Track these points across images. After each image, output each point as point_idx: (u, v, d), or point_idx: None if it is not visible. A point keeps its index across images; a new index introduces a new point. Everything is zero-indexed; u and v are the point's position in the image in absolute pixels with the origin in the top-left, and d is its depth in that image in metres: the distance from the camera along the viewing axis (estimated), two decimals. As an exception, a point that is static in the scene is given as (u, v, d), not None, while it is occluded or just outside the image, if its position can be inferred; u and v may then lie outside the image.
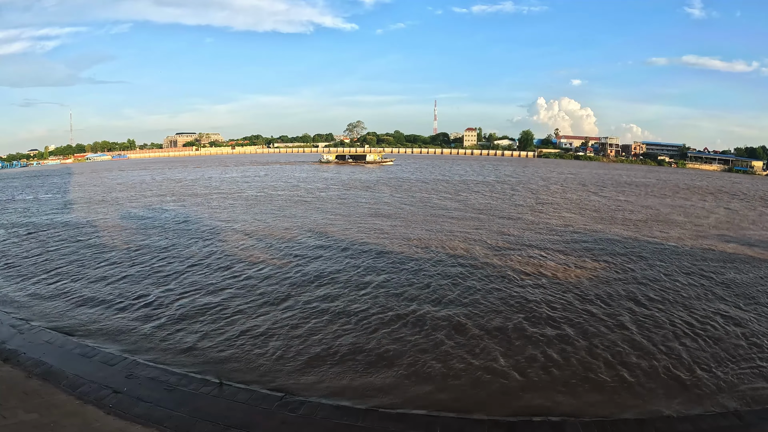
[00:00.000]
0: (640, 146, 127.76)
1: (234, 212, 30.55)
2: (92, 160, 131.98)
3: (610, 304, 13.68)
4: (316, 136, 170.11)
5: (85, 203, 37.10)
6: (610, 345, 11.08)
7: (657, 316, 12.92)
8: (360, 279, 15.81)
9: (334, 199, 36.76)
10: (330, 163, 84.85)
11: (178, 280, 15.97)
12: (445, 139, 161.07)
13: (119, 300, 14.12)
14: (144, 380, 9.36)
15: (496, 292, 14.58)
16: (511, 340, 11.30)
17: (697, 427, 8.03)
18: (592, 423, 8.06)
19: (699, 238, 23.80)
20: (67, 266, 17.96)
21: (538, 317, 12.64)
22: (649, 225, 27.31)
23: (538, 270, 17.08)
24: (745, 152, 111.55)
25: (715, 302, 14.15)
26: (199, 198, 38.50)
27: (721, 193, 50.06)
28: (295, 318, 12.58)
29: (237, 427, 7.76)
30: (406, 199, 37.22)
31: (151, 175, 65.69)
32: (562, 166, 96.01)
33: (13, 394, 8.48)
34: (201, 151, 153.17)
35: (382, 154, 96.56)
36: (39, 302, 14.11)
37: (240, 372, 9.83)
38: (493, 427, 7.99)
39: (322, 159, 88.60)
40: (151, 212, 31.09)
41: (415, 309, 13.11)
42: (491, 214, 29.77)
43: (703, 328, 12.12)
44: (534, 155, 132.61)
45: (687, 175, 78.85)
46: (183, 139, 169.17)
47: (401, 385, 9.38)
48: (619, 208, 34.20)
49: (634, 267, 17.77)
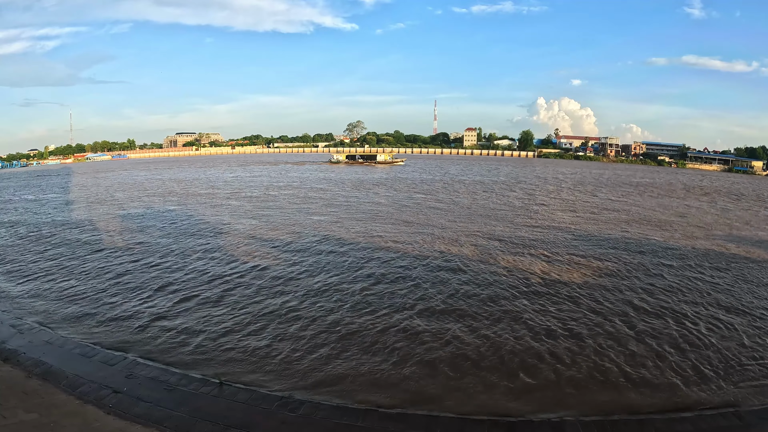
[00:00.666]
0: (640, 146, 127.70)
1: (241, 213, 30.54)
2: (92, 160, 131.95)
3: (610, 304, 13.68)
4: (316, 136, 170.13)
5: (85, 203, 37.09)
6: (610, 345, 11.09)
7: (656, 315, 12.92)
8: (361, 278, 15.82)
9: (357, 202, 36.45)
10: (340, 163, 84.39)
11: (179, 280, 15.97)
12: (445, 139, 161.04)
13: (119, 300, 14.12)
14: (144, 380, 9.36)
15: (501, 291, 14.60)
16: (514, 339, 11.31)
17: (697, 427, 8.04)
18: (592, 423, 8.07)
19: (691, 238, 23.80)
20: (67, 266, 17.95)
21: (539, 317, 12.65)
22: (652, 225, 27.33)
23: (545, 270, 17.10)
24: (745, 152, 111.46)
25: (714, 302, 14.14)
26: (203, 198, 38.48)
27: (717, 193, 50.04)
28: (296, 318, 12.58)
29: (237, 427, 7.76)
30: (444, 199, 37.22)
31: (153, 175, 65.66)
32: (563, 166, 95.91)
33: (13, 394, 8.48)
34: (201, 151, 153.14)
35: (392, 154, 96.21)
36: (39, 302, 14.11)
37: (240, 372, 9.84)
38: (493, 427, 7.99)
39: (332, 159, 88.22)
40: (152, 212, 31.09)
41: (415, 308, 13.12)
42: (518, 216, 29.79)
43: (702, 328, 12.12)
44: (534, 155, 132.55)
45: (687, 176, 78.83)
46: (183, 139, 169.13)
47: (401, 385, 9.39)
48: (624, 209, 34.20)
49: (633, 267, 17.77)
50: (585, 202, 37.51)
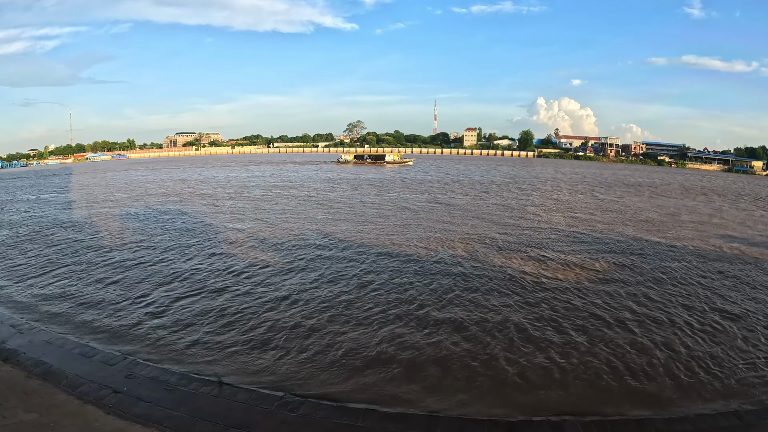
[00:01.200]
0: (640, 146, 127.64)
1: (251, 214, 30.54)
2: (92, 160, 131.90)
3: (607, 304, 13.68)
4: (316, 135, 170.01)
5: (85, 203, 37.07)
6: (610, 344, 11.09)
7: (655, 315, 12.93)
8: (362, 279, 15.83)
9: (369, 204, 36.13)
10: (348, 163, 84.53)
11: (178, 280, 15.96)
12: (445, 139, 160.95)
13: (119, 300, 14.12)
14: (144, 380, 9.36)
15: (499, 292, 14.60)
16: (513, 340, 11.30)
17: (697, 427, 8.03)
18: (591, 423, 8.07)
19: (689, 239, 23.80)
20: (68, 266, 17.95)
21: (539, 317, 12.66)
22: (655, 225, 27.33)
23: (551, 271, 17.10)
24: (745, 152, 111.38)
25: (713, 302, 14.14)
26: (208, 198, 38.45)
27: (714, 193, 50.03)
28: (296, 318, 12.58)
29: (237, 427, 7.76)
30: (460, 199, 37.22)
31: (153, 174, 65.64)
32: (565, 166, 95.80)
33: (13, 394, 8.48)
34: (201, 151, 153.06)
35: (401, 154, 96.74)
36: (39, 302, 14.11)
37: (240, 372, 9.84)
38: (492, 427, 7.99)
39: (340, 159, 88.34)
40: (152, 212, 31.07)
41: (416, 309, 13.14)
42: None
43: (702, 328, 12.14)
44: (534, 155, 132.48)
45: (686, 175, 78.80)
46: (183, 138, 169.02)
47: (401, 384, 9.38)
48: (621, 209, 34.21)
49: (632, 266, 17.77)
50: (585, 203, 37.55)
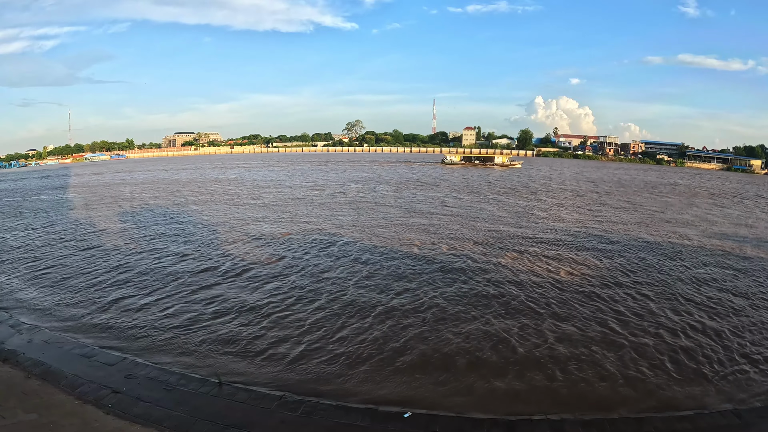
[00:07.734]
0: (638, 145, 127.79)
1: (269, 214, 30.52)
2: (91, 160, 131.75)
3: (606, 304, 13.68)
4: (315, 135, 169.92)
5: (85, 203, 37.00)
6: (609, 344, 11.10)
7: (654, 315, 12.93)
8: (362, 278, 15.83)
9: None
10: (455, 165, 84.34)
11: (178, 280, 15.93)
12: (443, 138, 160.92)
13: (119, 300, 14.09)
14: (143, 380, 9.34)
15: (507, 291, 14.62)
16: (513, 340, 11.31)
17: (696, 425, 8.03)
18: (591, 422, 8.06)
19: (689, 237, 23.83)
20: (67, 266, 17.91)
21: (540, 316, 12.67)
22: (657, 225, 27.36)
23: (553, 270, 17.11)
24: (744, 151, 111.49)
25: (713, 301, 14.16)
26: (234, 198, 38.36)
27: (714, 193, 50.08)
28: (296, 318, 12.58)
29: (236, 427, 7.75)
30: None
31: (154, 174, 65.56)
32: (565, 165, 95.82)
33: (12, 394, 8.46)
34: (200, 150, 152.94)
35: (509, 156, 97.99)
36: (39, 302, 14.08)
37: (239, 371, 9.83)
38: (492, 426, 7.98)
39: (446, 160, 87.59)
40: (152, 212, 31.03)
41: (416, 309, 13.13)
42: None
43: (701, 327, 12.14)
44: (533, 154, 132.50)
45: (686, 175, 78.88)
46: (182, 138, 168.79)
47: (401, 384, 9.38)
48: (621, 207, 34.25)
49: (632, 266, 17.78)
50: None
